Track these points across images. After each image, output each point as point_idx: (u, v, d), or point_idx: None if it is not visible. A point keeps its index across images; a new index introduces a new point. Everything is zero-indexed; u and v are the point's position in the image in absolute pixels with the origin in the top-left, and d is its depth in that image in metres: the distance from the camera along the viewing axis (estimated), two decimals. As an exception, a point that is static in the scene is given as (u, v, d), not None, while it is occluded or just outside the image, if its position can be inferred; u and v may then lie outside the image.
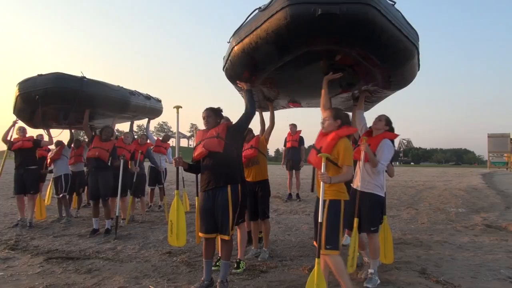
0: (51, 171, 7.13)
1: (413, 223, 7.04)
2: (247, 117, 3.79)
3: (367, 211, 3.72)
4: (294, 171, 9.66)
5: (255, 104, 3.96)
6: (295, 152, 9.60)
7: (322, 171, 3.03)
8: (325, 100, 3.68)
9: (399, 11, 3.21)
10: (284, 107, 5.75)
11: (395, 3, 3.15)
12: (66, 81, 5.73)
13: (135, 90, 7.31)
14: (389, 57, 3.29)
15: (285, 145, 9.86)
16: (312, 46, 3.16)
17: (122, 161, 5.85)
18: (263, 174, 4.59)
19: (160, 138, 8.76)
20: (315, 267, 2.96)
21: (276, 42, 3.11)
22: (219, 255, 4.06)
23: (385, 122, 3.88)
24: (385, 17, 2.90)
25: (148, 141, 8.00)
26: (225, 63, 3.89)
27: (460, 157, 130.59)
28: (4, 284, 3.69)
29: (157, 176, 8.00)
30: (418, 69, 3.97)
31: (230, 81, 4.11)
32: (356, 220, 3.70)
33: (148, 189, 7.99)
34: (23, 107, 6.05)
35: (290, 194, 9.90)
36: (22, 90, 5.77)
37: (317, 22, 2.80)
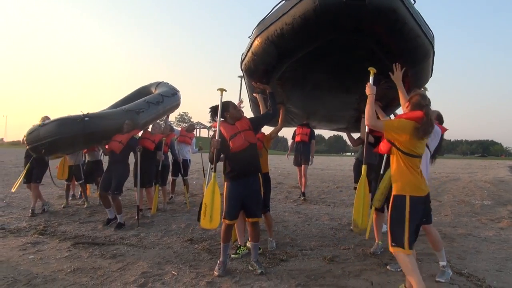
0: None
1: (436, 215, 6.91)
2: (268, 117, 4.04)
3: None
4: (302, 165, 8.46)
5: (277, 107, 4.05)
6: (305, 147, 8.38)
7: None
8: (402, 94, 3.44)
9: (418, 12, 3.25)
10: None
11: (415, 1, 3.20)
12: (69, 127, 5.55)
13: (145, 101, 6.77)
14: (408, 51, 3.29)
15: (293, 138, 8.68)
16: (337, 32, 3.16)
17: (138, 153, 5.81)
18: (264, 168, 4.59)
19: (185, 128, 8.77)
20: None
21: (303, 27, 3.13)
22: (239, 243, 4.36)
23: (436, 117, 3.65)
24: (407, 10, 2.96)
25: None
26: (244, 57, 3.88)
27: (486, 149, 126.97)
28: (34, 266, 3.86)
29: (178, 167, 7.97)
30: (431, 75, 3.94)
31: (248, 75, 4.07)
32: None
33: (170, 179, 8.06)
34: (35, 155, 6.13)
35: (303, 193, 8.73)
36: (29, 143, 5.70)
37: (344, 8, 2.85)
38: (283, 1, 3.35)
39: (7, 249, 4.42)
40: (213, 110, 3.96)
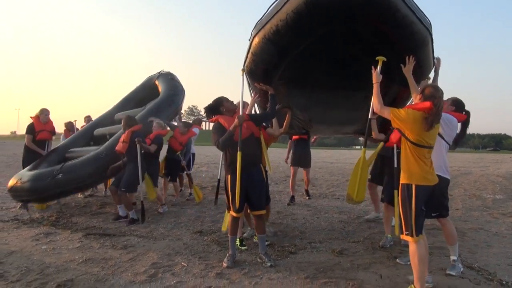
0: None
1: (447, 209, 6.84)
2: (267, 117, 4.21)
3: (438, 195, 3.32)
4: (303, 168, 7.37)
5: (275, 109, 4.10)
6: (304, 145, 7.24)
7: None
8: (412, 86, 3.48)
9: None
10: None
11: None
12: (42, 187, 5.47)
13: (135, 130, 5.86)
14: (405, 38, 3.29)
15: (290, 137, 7.47)
16: (330, 24, 3.17)
17: (138, 147, 5.52)
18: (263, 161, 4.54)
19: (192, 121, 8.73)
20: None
21: (296, 21, 3.16)
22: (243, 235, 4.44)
23: (450, 102, 3.60)
24: None
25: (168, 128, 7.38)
26: (246, 59, 3.91)
27: (499, 143, 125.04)
28: (47, 256, 3.93)
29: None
30: (433, 63, 3.88)
31: (250, 77, 4.08)
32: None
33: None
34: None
35: (293, 197, 7.32)
36: (11, 192, 5.72)
37: None
38: (277, 1, 3.38)
39: (20, 240, 4.51)
40: (208, 109, 4.01)
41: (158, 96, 7.76)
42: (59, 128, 7.89)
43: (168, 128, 6.87)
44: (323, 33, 3.29)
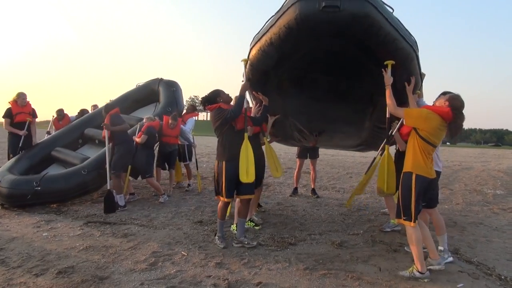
0: None
1: (447, 203, 6.86)
2: (256, 120, 4.32)
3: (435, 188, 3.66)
4: (310, 160, 7.20)
5: (263, 118, 4.43)
6: None
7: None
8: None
9: (398, 19, 3.48)
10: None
11: (393, 10, 3.46)
12: (20, 195, 5.46)
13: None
14: (389, 54, 3.52)
15: None
16: (318, 38, 3.48)
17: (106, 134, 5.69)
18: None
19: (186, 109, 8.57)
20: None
21: (287, 34, 3.44)
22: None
23: (447, 98, 3.50)
24: (382, 15, 3.23)
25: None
26: (245, 68, 4.19)
27: (500, 138, 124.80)
28: (48, 243, 3.95)
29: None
30: (421, 79, 4.07)
31: (250, 84, 4.27)
32: None
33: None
34: None
35: (296, 189, 7.32)
36: None
37: (321, 15, 3.18)
38: (273, 15, 3.66)
39: (22, 226, 4.53)
40: (205, 99, 4.18)
41: (155, 99, 8.17)
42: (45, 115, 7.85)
43: (158, 119, 6.75)
44: (313, 46, 3.65)
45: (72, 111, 9.19)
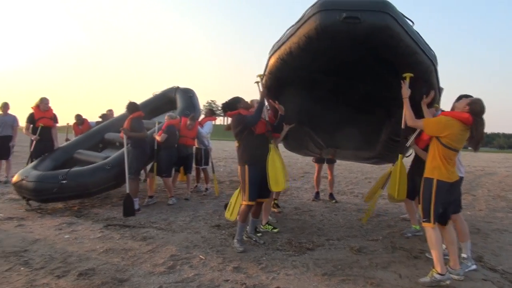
0: None
1: (470, 210, 6.68)
2: (274, 128, 4.43)
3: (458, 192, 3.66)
4: (327, 165, 7.15)
5: (280, 126, 4.50)
6: None
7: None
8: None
9: (418, 32, 3.45)
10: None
11: (413, 23, 3.44)
12: (45, 189, 5.55)
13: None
14: (408, 67, 3.50)
15: None
16: (337, 49, 3.48)
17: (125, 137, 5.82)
18: None
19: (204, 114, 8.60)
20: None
21: (306, 44, 3.46)
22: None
23: (467, 101, 3.41)
24: (402, 28, 3.22)
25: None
26: (263, 76, 4.27)
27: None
28: (69, 245, 4.03)
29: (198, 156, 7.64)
30: (440, 93, 4.03)
31: (268, 92, 4.32)
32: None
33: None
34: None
35: (318, 193, 7.31)
36: (16, 188, 5.86)
37: (341, 26, 3.20)
38: (293, 25, 3.67)
39: (44, 228, 4.64)
40: (226, 105, 4.32)
41: (173, 107, 8.23)
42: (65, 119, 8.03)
43: (178, 118, 6.81)
44: (332, 57, 3.64)
45: (89, 117, 9.33)
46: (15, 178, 5.90)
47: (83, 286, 3.03)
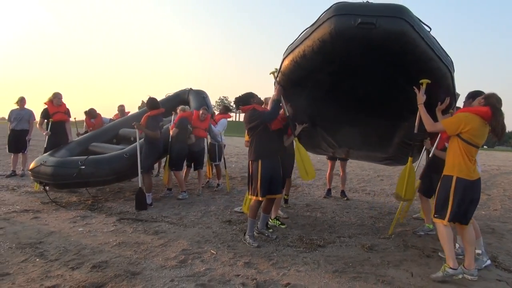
0: None
1: (484, 209, 6.57)
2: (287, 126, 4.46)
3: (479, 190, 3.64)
4: (340, 162, 7.13)
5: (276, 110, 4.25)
6: None
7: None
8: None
9: (434, 38, 3.42)
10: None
11: (431, 29, 3.40)
12: (64, 174, 5.65)
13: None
14: (423, 73, 3.48)
15: None
16: (351, 53, 3.45)
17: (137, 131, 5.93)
18: None
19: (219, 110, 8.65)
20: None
21: (321, 48, 3.46)
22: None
23: (483, 96, 3.42)
24: (418, 34, 3.17)
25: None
26: (277, 76, 4.27)
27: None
28: (83, 238, 4.10)
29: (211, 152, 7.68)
30: (455, 100, 3.99)
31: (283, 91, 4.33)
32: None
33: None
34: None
35: (329, 190, 7.28)
36: (33, 174, 5.92)
37: (356, 31, 3.19)
38: (308, 28, 3.68)
39: (59, 221, 4.73)
40: (239, 99, 4.37)
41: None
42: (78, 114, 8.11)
43: (189, 110, 6.86)
44: (346, 61, 3.63)
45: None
46: (32, 165, 5.98)
47: (96, 278, 3.08)
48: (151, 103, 6.06)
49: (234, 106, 5.24)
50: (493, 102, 3.21)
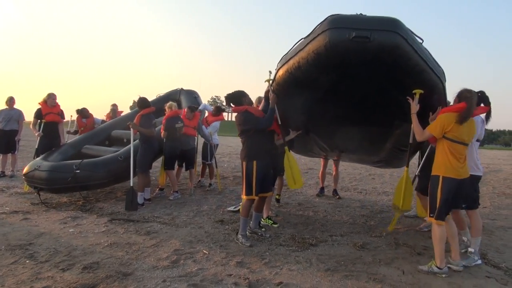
0: None
1: (474, 207, 6.64)
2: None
3: (467, 188, 3.67)
4: (333, 160, 7.11)
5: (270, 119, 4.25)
6: None
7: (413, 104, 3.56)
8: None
9: (426, 49, 3.47)
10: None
11: (423, 41, 3.47)
12: (59, 179, 5.61)
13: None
14: (416, 85, 3.53)
15: None
16: (345, 66, 3.49)
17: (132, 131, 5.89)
18: None
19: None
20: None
21: (315, 60, 3.49)
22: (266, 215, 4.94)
23: (456, 95, 3.53)
24: (411, 47, 3.22)
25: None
26: (271, 85, 4.27)
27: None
28: (74, 239, 4.06)
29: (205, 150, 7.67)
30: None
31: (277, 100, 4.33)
32: None
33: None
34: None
35: (322, 188, 7.26)
36: (27, 179, 5.87)
37: (351, 44, 3.22)
38: (302, 39, 3.71)
39: (49, 222, 4.68)
40: (230, 97, 4.30)
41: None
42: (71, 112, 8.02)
43: (176, 108, 6.69)
44: (340, 73, 3.66)
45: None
46: (26, 169, 5.92)
47: (88, 279, 3.06)
48: (142, 102, 6.12)
49: (224, 103, 5.09)
50: (465, 95, 3.33)
